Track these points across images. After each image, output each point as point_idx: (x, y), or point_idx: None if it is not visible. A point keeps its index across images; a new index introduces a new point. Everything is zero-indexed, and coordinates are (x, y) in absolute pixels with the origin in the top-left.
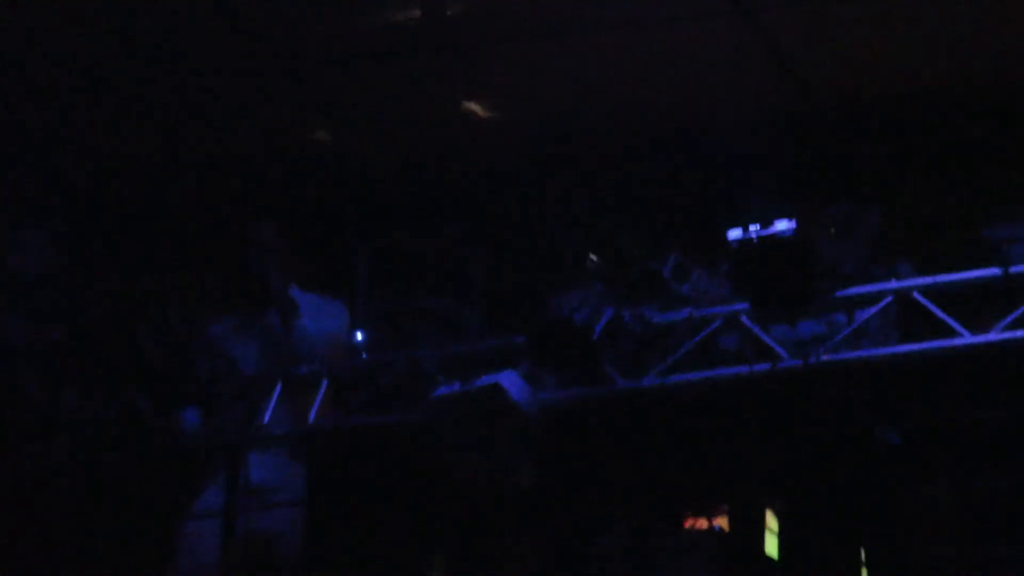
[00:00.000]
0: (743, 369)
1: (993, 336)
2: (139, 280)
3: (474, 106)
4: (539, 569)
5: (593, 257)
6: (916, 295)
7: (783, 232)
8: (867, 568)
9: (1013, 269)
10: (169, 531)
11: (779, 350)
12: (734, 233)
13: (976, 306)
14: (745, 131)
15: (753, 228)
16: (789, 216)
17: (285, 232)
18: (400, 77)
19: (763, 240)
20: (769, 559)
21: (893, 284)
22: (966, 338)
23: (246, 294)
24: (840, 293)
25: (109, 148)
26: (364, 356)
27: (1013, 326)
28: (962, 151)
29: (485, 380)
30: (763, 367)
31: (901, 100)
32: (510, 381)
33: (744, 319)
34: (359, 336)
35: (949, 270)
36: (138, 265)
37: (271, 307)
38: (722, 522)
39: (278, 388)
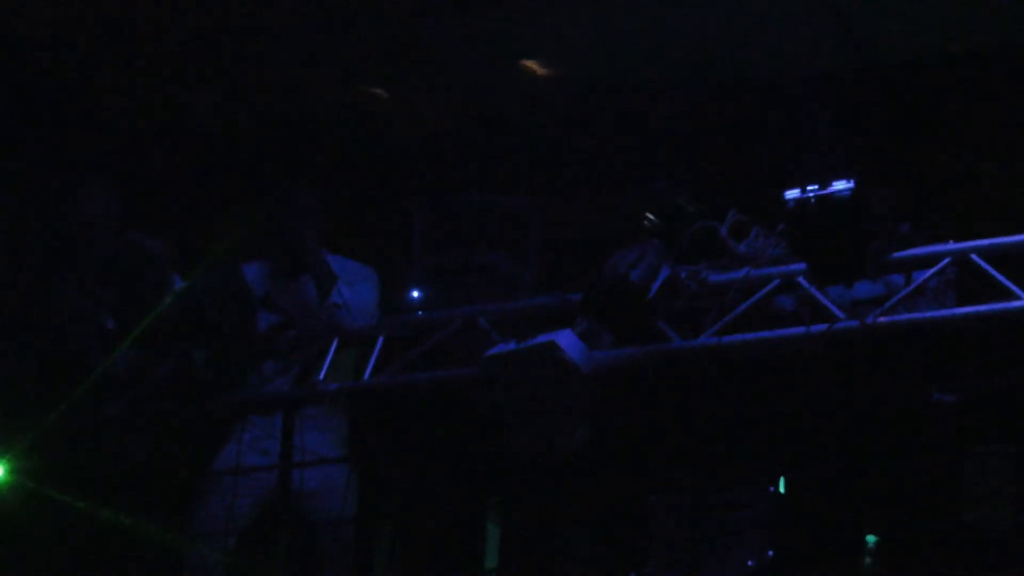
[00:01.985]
0: (799, 329)
1: None
2: (188, 236)
3: (531, 62)
4: (593, 525)
5: (650, 215)
6: (974, 257)
7: (841, 192)
8: (924, 531)
9: None
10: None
11: (836, 311)
12: (791, 193)
13: None
14: (805, 90)
15: (811, 188)
16: (847, 177)
17: (325, 194)
18: (457, 33)
19: (820, 200)
20: (822, 520)
21: (951, 246)
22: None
23: (284, 257)
24: (897, 255)
25: (159, 103)
26: (419, 313)
27: None
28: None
29: (541, 338)
30: (819, 328)
31: (963, 61)
32: (566, 339)
33: (801, 279)
34: (415, 293)
35: (1006, 233)
36: (185, 222)
37: (306, 273)
38: (776, 483)
39: (334, 344)
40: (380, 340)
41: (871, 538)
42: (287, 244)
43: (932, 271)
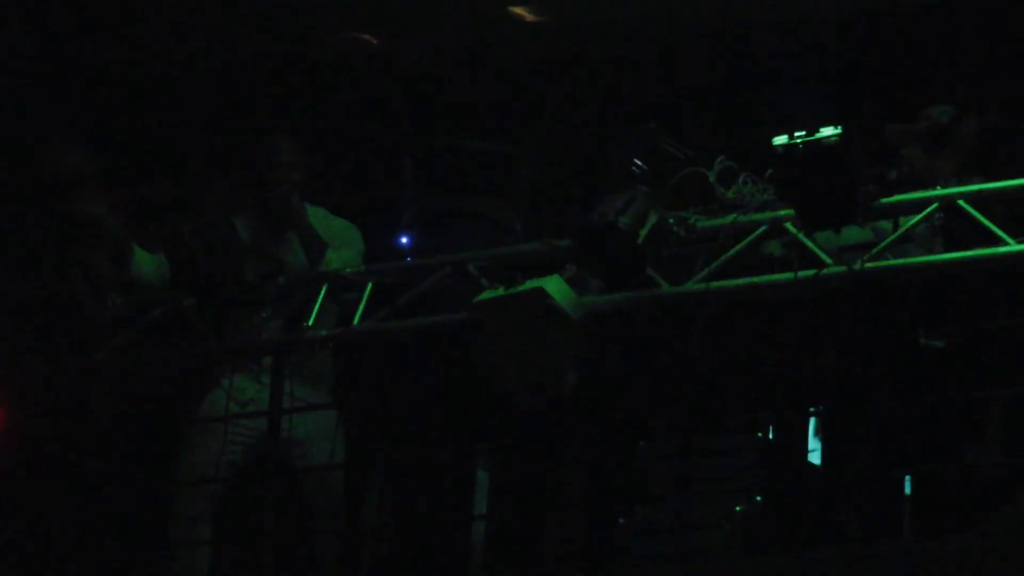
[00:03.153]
0: (787, 275)
1: None
2: (175, 186)
3: (520, 8)
4: (581, 472)
5: (638, 161)
6: (961, 203)
7: (828, 139)
8: (912, 474)
9: None
10: (206, 433)
11: (823, 256)
12: (779, 139)
13: (1021, 215)
14: (794, 36)
15: (798, 134)
16: (835, 123)
17: (313, 140)
18: None
19: (808, 146)
20: (812, 466)
21: (938, 192)
22: (1011, 246)
23: (271, 215)
24: (885, 200)
25: (138, 50)
26: (408, 259)
27: None
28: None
29: (529, 284)
30: (807, 273)
31: (950, 7)
32: (554, 285)
33: (789, 225)
34: (403, 239)
35: (993, 179)
36: (170, 173)
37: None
38: (765, 429)
39: (323, 290)
40: (369, 286)
41: None
42: (273, 204)
43: (919, 217)
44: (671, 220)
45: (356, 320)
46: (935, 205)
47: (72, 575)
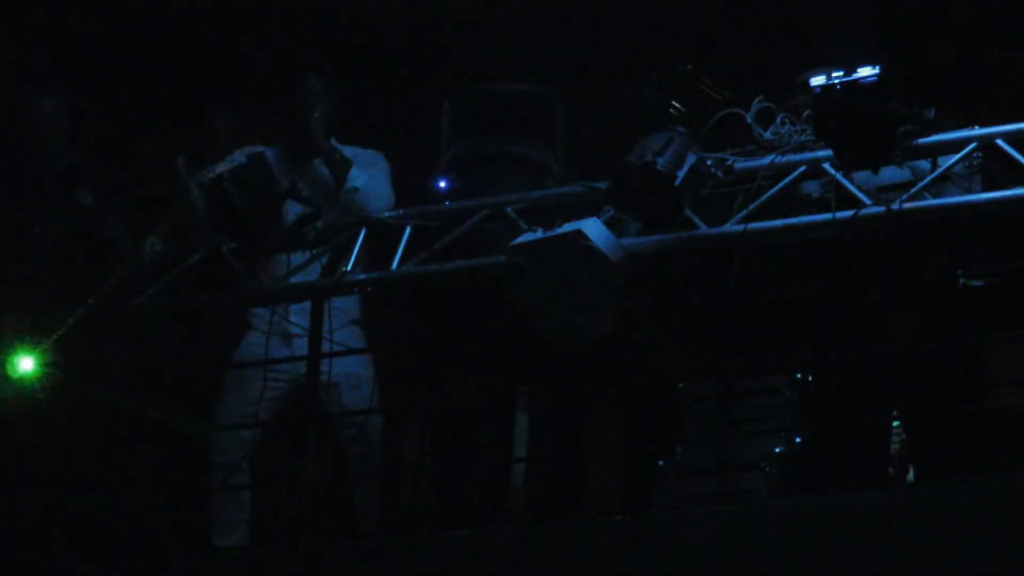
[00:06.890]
0: (826, 216)
1: None
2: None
3: None
4: (621, 413)
5: (676, 103)
6: (1000, 142)
7: (866, 79)
8: (949, 412)
9: None
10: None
11: (862, 197)
12: (817, 80)
13: None
14: None
15: (836, 74)
16: (873, 63)
17: (345, 83)
18: None
19: (846, 87)
20: (849, 405)
21: (977, 131)
22: None
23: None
24: (923, 140)
25: None
26: (447, 203)
27: None
28: None
29: (568, 227)
30: (845, 214)
31: None
32: (592, 228)
33: (827, 166)
34: (441, 183)
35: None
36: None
37: (320, 160)
38: (804, 370)
39: (362, 234)
40: (408, 230)
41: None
42: (296, 131)
43: (958, 156)
44: (709, 161)
45: (395, 264)
46: (974, 144)
47: (110, 523)
